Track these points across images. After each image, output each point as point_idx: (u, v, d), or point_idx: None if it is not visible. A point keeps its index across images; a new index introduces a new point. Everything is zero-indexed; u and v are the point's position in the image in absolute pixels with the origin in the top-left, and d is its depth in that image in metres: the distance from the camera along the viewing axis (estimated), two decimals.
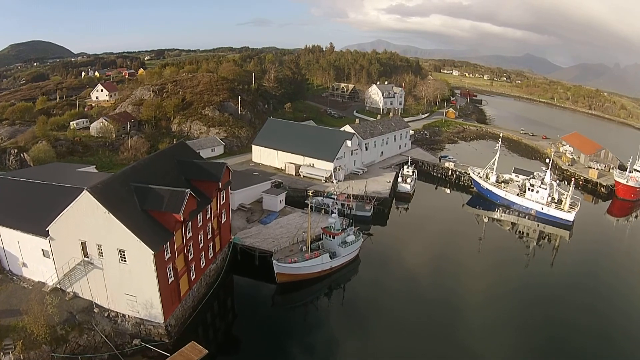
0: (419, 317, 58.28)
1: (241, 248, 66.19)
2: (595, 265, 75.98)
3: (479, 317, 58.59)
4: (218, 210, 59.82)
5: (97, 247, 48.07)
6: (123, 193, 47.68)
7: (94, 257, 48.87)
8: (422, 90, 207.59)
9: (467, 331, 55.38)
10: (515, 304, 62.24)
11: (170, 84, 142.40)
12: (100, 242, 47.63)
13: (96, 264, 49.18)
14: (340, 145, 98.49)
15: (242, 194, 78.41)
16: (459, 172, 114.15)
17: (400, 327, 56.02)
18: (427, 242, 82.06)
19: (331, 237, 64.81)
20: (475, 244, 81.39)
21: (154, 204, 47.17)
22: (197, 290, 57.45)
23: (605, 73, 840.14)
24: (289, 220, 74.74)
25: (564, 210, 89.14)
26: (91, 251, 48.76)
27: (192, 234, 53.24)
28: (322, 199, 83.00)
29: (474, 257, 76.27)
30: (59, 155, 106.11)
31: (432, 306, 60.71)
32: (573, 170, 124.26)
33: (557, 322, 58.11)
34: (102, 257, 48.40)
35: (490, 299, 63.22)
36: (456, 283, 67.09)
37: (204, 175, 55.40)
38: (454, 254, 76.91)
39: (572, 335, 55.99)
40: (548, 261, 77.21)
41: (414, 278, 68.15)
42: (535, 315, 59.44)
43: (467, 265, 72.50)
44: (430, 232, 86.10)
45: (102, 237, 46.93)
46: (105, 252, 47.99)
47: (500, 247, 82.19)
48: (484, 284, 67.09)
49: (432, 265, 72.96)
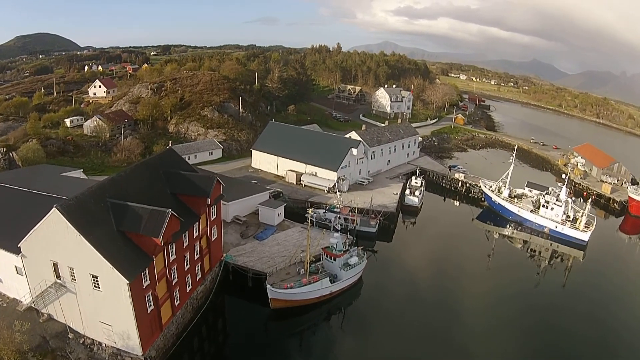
0: (427, 344, 54.20)
1: (233, 267, 60.51)
2: (609, 288, 71.84)
3: (489, 339, 55.87)
4: (208, 227, 54.15)
5: (70, 270, 42.82)
6: (98, 211, 42.08)
7: (67, 280, 43.68)
8: (431, 95, 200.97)
9: (479, 356, 52.49)
10: (526, 327, 58.71)
11: (169, 81, 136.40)
12: (72, 265, 42.35)
13: (69, 288, 44.02)
14: (345, 153, 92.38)
15: (237, 205, 72.66)
16: (469, 184, 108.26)
17: (408, 355, 51.92)
18: (434, 261, 77.27)
19: (332, 258, 59.00)
20: (484, 261, 77.66)
21: (131, 224, 41.52)
22: (182, 315, 51.95)
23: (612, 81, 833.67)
24: (287, 236, 68.90)
25: (579, 230, 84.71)
26: (63, 273, 43.60)
27: (177, 256, 47.67)
28: (324, 213, 77.20)
29: (483, 274, 73.21)
30: (49, 156, 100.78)
31: (439, 330, 56.60)
32: (586, 185, 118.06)
33: (571, 348, 55.03)
34: (74, 280, 43.13)
35: (499, 320, 60.32)
36: (463, 303, 63.66)
37: (191, 190, 49.63)
38: (462, 271, 73.02)
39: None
40: (560, 282, 73.36)
41: (420, 300, 63.74)
42: (547, 340, 56.19)
43: (475, 283, 69.64)
44: (438, 249, 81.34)
45: (74, 259, 41.64)
46: (77, 276, 42.72)
47: (510, 265, 78.15)
48: (492, 303, 64.52)
49: (439, 286, 68.36)
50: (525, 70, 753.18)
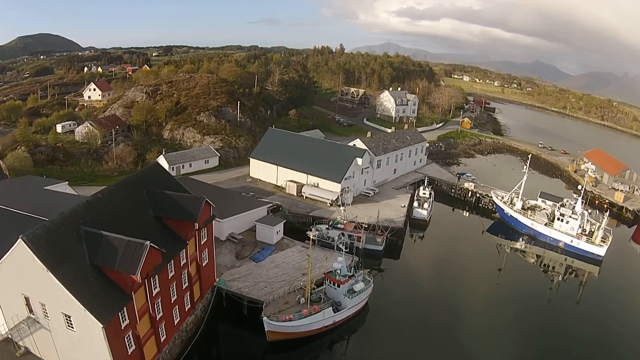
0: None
1: (227, 293, 55.24)
2: (627, 305, 68.19)
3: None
4: (198, 252, 48.89)
5: (42, 306, 37.86)
6: (69, 241, 36.89)
7: (39, 316, 38.75)
8: (437, 98, 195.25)
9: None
10: (543, 348, 55.87)
11: (165, 85, 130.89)
12: (43, 301, 37.41)
13: (43, 324, 39.09)
14: (349, 163, 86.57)
15: (233, 222, 67.14)
16: (479, 194, 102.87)
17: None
18: (444, 279, 72.20)
19: (336, 285, 53.67)
20: (494, 276, 74.38)
21: (105, 258, 36.29)
22: (170, 350, 46.71)
23: (614, 82, 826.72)
24: (286, 257, 63.45)
25: (595, 244, 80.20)
26: (36, 309, 38.68)
27: (161, 289, 42.39)
28: (327, 230, 71.57)
29: (493, 289, 70.57)
30: (38, 164, 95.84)
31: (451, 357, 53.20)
32: (598, 193, 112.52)
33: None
34: (47, 317, 38.14)
35: (511, 337, 58.15)
36: (472, 318, 61.32)
37: (177, 213, 44.24)
38: (472, 290, 69.24)
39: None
40: (574, 299, 70.03)
41: (430, 325, 59.16)
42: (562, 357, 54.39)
43: (485, 297, 67.53)
44: (448, 266, 76.26)
45: (45, 296, 36.69)
46: (50, 314, 37.78)
47: (521, 280, 74.67)
48: (502, 319, 61.99)
49: (449, 308, 63.26)
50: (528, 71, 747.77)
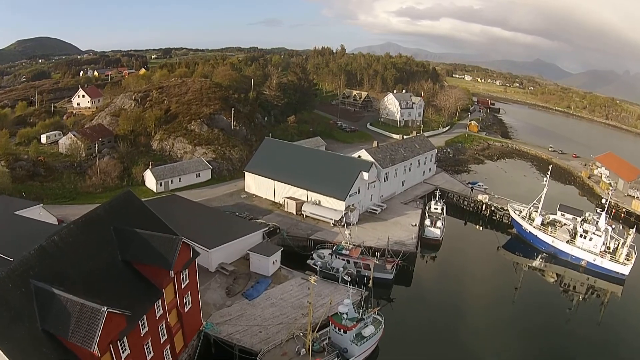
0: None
1: (215, 339, 47.42)
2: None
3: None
4: (178, 298, 41.05)
5: None
6: (18, 301, 29.30)
7: None
8: (443, 100, 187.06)
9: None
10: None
11: (155, 90, 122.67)
12: None
13: None
14: (354, 177, 78.34)
15: (223, 251, 59.01)
16: (494, 207, 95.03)
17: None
18: (458, 304, 65.01)
19: (342, 331, 45.84)
20: (510, 294, 69.24)
21: (57, 325, 28.63)
22: None
23: (615, 80, 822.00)
24: (284, 293, 55.27)
25: (619, 262, 73.35)
26: None
27: (132, 350, 34.60)
28: (330, 258, 63.28)
29: (510, 313, 65.22)
30: (17, 180, 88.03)
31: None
32: (614, 201, 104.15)
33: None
34: None
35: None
36: (487, 339, 57.59)
37: (149, 258, 36.37)
38: (488, 314, 63.84)
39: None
40: (595, 320, 64.88)
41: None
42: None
43: (499, 316, 63.32)
44: (462, 289, 69.59)
45: None
46: None
47: (539, 301, 68.79)
48: (517, 339, 58.07)
49: (464, 339, 57.06)
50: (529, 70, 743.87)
